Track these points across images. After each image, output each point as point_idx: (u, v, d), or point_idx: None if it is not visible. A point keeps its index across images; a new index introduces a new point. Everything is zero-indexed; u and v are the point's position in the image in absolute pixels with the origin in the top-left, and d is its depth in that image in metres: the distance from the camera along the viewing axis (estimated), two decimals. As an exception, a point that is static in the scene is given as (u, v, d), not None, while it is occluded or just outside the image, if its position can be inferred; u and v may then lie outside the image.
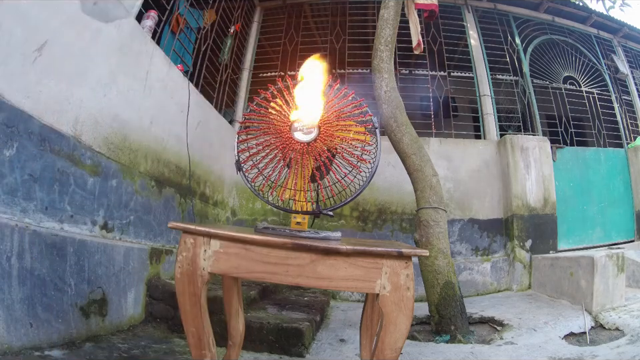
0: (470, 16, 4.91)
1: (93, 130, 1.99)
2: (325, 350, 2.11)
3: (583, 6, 5.55)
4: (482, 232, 3.94)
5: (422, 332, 2.58)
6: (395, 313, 0.93)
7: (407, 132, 2.70)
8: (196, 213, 3.13)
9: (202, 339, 1.01)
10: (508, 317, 2.66)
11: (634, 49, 5.58)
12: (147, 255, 2.29)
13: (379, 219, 3.95)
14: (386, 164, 3.82)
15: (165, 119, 2.67)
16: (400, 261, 0.94)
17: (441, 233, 2.53)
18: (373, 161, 1.18)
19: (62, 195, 1.77)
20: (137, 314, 2.14)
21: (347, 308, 3.16)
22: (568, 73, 4.92)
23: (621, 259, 2.75)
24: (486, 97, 4.51)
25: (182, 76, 2.93)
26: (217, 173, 3.64)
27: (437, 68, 4.64)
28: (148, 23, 2.77)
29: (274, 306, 2.54)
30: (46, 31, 1.67)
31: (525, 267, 3.66)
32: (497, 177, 4.09)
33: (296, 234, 1.06)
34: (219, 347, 1.19)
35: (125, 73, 2.23)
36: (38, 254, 1.51)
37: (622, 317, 2.46)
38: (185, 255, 0.99)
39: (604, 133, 4.70)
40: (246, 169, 1.24)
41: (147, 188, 2.46)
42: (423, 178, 2.62)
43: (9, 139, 1.51)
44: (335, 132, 1.17)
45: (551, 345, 2.15)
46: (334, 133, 1.17)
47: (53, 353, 1.47)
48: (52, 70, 1.72)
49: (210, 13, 3.85)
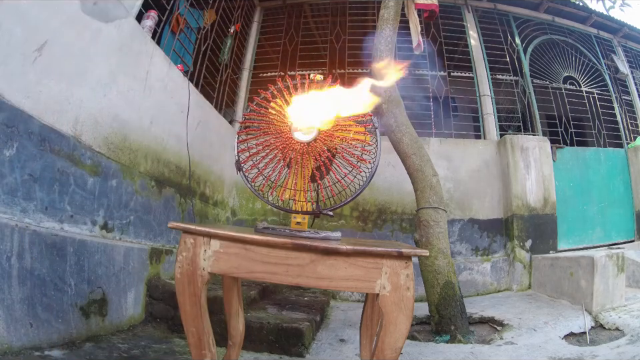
0: (470, 16, 4.91)
1: (93, 130, 1.99)
2: (325, 350, 2.11)
3: (582, 6, 5.55)
4: (482, 232, 3.94)
5: (422, 332, 2.58)
6: (395, 312, 0.93)
7: (407, 132, 2.70)
8: (196, 213, 3.13)
9: (202, 339, 1.01)
10: (508, 317, 2.66)
11: (634, 49, 5.58)
12: (146, 255, 2.29)
13: (379, 219, 3.95)
14: (386, 164, 3.82)
15: (164, 119, 2.67)
16: (400, 261, 0.94)
17: (441, 232, 2.53)
18: (373, 160, 1.18)
19: (62, 195, 1.77)
20: (136, 314, 2.14)
21: (347, 308, 3.16)
22: (568, 73, 4.92)
23: (621, 258, 2.75)
24: (486, 97, 4.51)
25: (182, 76, 2.93)
26: (217, 173, 3.64)
27: (436, 68, 4.64)
28: (148, 23, 2.77)
29: (274, 306, 2.54)
30: (46, 31, 1.67)
31: (525, 267, 3.66)
32: (496, 177, 4.09)
33: (296, 234, 1.06)
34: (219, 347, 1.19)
35: (124, 73, 2.23)
36: (38, 254, 1.51)
37: (622, 316, 2.46)
38: (185, 255, 0.99)
39: (604, 132, 4.70)
40: (246, 169, 1.24)
41: (147, 188, 2.46)
42: (423, 178, 2.62)
43: (9, 139, 1.51)
44: (334, 132, 1.17)
45: (550, 344, 2.15)
46: (334, 133, 1.17)
47: (52, 352, 1.47)
48: (52, 70, 1.72)
49: (210, 13, 3.85)
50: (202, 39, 3.68)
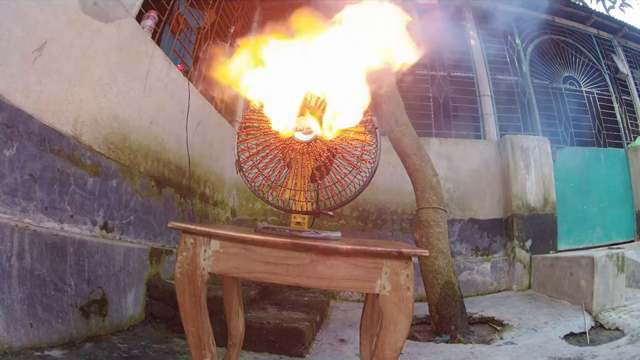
0: (470, 16, 4.91)
1: (92, 130, 1.98)
2: (325, 350, 2.11)
3: (583, 6, 5.55)
4: (482, 232, 3.94)
5: (422, 332, 2.58)
6: (395, 312, 0.93)
7: (407, 132, 2.70)
8: (196, 213, 3.13)
9: (202, 339, 1.01)
10: (508, 317, 2.66)
11: (634, 49, 5.58)
12: (146, 255, 2.29)
13: (379, 219, 3.95)
14: (386, 164, 3.82)
15: (164, 119, 2.67)
16: (400, 261, 0.94)
17: (441, 233, 2.53)
18: (373, 160, 1.18)
19: (62, 195, 1.77)
20: (136, 314, 2.14)
21: (347, 308, 3.16)
22: (568, 73, 4.92)
23: (621, 259, 2.75)
24: (486, 97, 4.51)
25: (182, 76, 2.93)
26: (217, 173, 3.64)
27: (436, 68, 4.64)
28: (148, 23, 2.76)
29: (274, 306, 2.54)
30: (46, 31, 1.67)
31: (525, 267, 3.66)
32: (496, 177, 4.08)
33: (296, 234, 1.06)
34: (219, 347, 1.19)
35: (124, 73, 2.23)
36: (38, 254, 1.51)
37: (622, 316, 2.46)
38: (185, 255, 0.99)
39: (604, 133, 4.70)
40: (246, 169, 1.24)
41: (146, 188, 2.46)
42: (423, 178, 2.62)
43: (9, 139, 1.51)
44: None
45: (550, 345, 2.15)
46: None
47: (52, 352, 1.47)
48: (52, 70, 1.72)
49: (210, 13, 3.84)
50: (202, 38, 3.68)
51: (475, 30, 4.84)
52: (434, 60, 4.66)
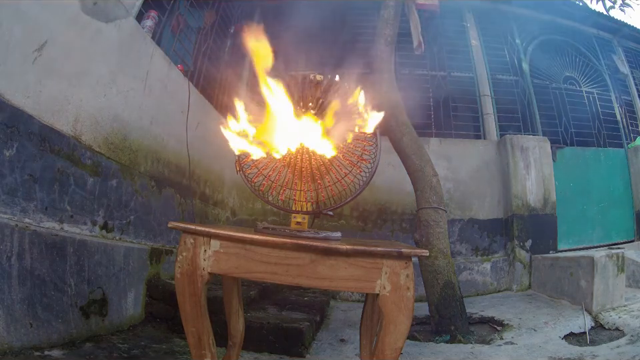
0: (470, 16, 4.91)
1: (93, 130, 1.98)
2: (325, 350, 2.11)
3: (582, 6, 5.55)
4: (482, 232, 3.94)
5: (422, 332, 2.58)
6: (395, 312, 0.92)
7: (407, 132, 2.70)
8: (196, 213, 3.13)
9: (202, 339, 1.01)
10: (508, 317, 2.66)
11: (634, 49, 5.57)
12: (146, 255, 2.28)
13: (379, 219, 3.94)
14: (386, 164, 3.82)
15: (165, 119, 2.67)
16: (400, 261, 0.94)
17: (441, 233, 2.53)
18: (373, 160, 1.18)
19: (62, 195, 1.77)
20: (136, 314, 2.14)
21: (347, 308, 3.16)
22: (568, 73, 4.92)
23: (621, 258, 2.75)
24: (486, 97, 4.51)
25: (182, 76, 2.93)
26: (217, 173, 3.64)
27: (436, 68, 4.64)
28: (148, 23, 2.76)
29: (274, 306, 2.54)
30: (46, 31, 1.67)
31: (525, 267, 3.66)
32: (496, 177, 4.08)
33: (296, 234, 1.06)
34: (219, 347, 1.18)
35: (124, 73, 2.23)
36: (38, 254, 1.51)
37: (622, 316, 2.46)
38: (185, 255, 0.99)
39: (604, 132, 4.70)
40: (246, 169, 1.24)
41: (147, 188, 2.46)
42: (423, 178, 2.62)
43: (9, 139, 1.51)
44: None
45: (550, 345, 2.15)
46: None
47: (52, 352, 1.47)
48: (52, 70, 1.72)
49: (210, 12, 3.84)
50: (202, 38, 3.68)
51: (475, 30, 4.84)
52: (434, 60, 4.66)
